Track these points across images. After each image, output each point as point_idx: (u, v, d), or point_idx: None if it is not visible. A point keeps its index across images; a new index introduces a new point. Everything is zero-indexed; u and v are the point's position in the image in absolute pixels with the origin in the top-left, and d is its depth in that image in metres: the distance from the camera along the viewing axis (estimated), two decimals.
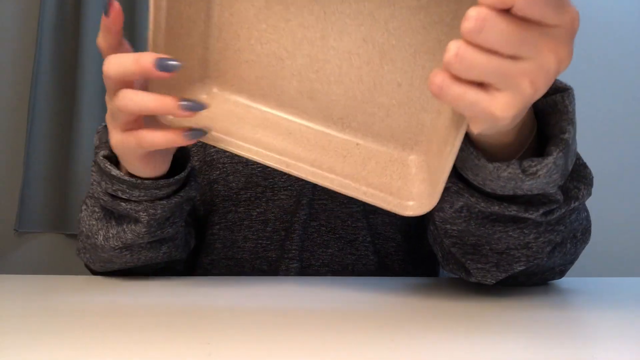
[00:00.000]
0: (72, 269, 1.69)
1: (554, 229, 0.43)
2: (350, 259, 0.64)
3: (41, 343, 0.32)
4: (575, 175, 0.43)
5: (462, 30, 0.27)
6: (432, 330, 0.35)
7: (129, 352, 0.30)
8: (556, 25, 0.28)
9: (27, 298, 0.46)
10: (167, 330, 0.35)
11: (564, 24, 0.28)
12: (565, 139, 0.36)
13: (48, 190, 1.65)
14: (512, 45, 0.28)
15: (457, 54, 0.28)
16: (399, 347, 0.31)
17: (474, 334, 0.33)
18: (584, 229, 0.48)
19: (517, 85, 0.29)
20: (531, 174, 0.36)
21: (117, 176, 0.48)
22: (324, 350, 0.30)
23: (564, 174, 0.38)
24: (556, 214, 0.42)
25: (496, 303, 0.44)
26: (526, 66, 0.28)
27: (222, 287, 0.52)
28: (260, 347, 0.31)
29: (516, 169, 0.36)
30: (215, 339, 0.32)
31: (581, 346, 0.31)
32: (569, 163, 0.38)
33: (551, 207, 0.40)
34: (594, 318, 0.38)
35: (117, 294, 0.48)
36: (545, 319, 0.38)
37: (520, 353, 0.29)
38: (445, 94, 0.29)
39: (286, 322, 0.37)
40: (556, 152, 0.35)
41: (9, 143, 1.70)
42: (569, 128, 0.36)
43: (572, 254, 0.48)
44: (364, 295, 0.48)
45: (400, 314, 0.40)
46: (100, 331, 0.34)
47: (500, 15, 0.27)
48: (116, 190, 0.49)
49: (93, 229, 0.54)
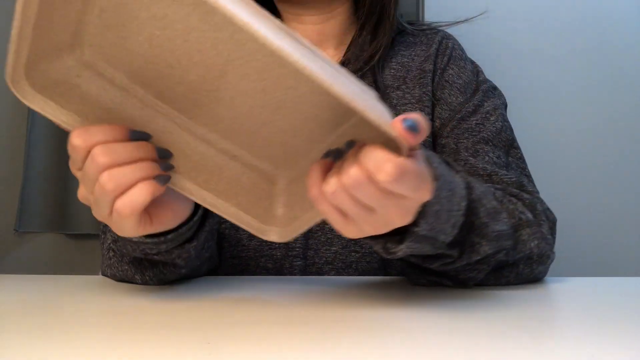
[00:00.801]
0: (72, 269, 1.69)
1: (474, 268, 0.49)
2: (354, 257, 0.64)
3: (41, 343, 0.32)
4: (478, 232, 0.46)
5: (343, 182, 0.35)
6: (435, 327, 0.35)
7: (129, 352, 0.30)
8: (411, 199, 0.36)
9: (27, 298, 0.46)
10: (167, 330, 0.35)
11: (416, 199, 0.36)
12: (414, 232, 0.40)
13: (48, 190, 1.65)
14: (373, 203, 0.36)
15: (334, 192, 0.36)
16: (403, 345, 0.31)
17: (475, 333, 0.33)
18: (539, 254, 0.54)
19: (362, 225, 0.37)
20: (391, 253, 0.42)
21: (138, 241, 0.47)
22: (325, 350, 0.30)
23: (437, 245, 0.43)
24: (457, 264, 0.47)
25: (496, 302, 0.44)
26: (376, 218, 0.37)
27: (222, 287, 0.52)
28: (260, 347, 0.31)
29: (380, 248, 0.43)
30: (215, 339, 0.32)
31: (580, 345, 0.31)
32: (439, 236, 0.42)
33: (446, 261, 0.46)
34: (593, 317, 0.38)
35: (117, 294, 0.48)
36: (545, 319, 0.38)
37: (520, 352, 0.29)
38: (319, 204, 0.38)
39: (287, 322, 0.37)
40: (407, 242, 0.41)
41: (9, 143, 1.70)
42: (421, 222, 0.40)
43: (528, 273, 0.54)
44: (368, 293, 0.48)
45: (404, 312, 0.40)
46: (100, 331, 0.34)
47: (372, 183, 0.34)
48: (143, 250, 0.48)
49: (128, 274, 0.54)
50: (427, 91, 0.68)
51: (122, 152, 0.38)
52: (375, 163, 0.34)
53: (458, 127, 0.65)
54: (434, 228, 0.41)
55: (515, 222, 0.53)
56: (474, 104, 0.66)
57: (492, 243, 0.47)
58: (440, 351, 0.30)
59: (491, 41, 1.14)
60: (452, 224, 0.42)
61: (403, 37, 0.73)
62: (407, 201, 0.36)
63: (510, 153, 0.65)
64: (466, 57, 0.73)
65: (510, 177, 0.60)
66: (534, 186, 0.63)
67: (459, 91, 0.68)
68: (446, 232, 0.42)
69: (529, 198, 0.57)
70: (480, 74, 0.71)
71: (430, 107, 0.68)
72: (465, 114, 0.65)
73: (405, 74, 0.69)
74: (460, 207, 0.43)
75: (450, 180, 0.43)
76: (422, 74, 0.69)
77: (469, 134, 0.64)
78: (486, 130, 0.64)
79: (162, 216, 0.43)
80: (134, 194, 0.38)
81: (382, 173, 0.33)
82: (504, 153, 0.64)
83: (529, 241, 0.53)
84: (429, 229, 0.41)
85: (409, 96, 0.68)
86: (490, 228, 0.47)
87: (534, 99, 1.17)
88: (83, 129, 0.38)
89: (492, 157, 0.62)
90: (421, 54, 0.71)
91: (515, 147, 0.66)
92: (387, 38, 0.68)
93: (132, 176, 0.38)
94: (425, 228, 0.40)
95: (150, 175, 0.39)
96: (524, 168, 0.65)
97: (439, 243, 0.43)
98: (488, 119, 0.65)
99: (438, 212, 0.41)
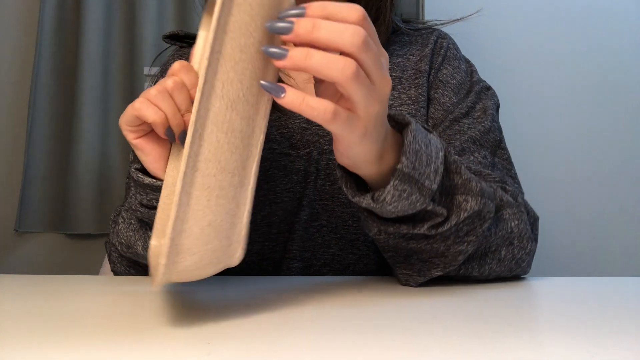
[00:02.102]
0: (71, 269, 1.69)
1: (463, 240, 0.49)
2: (352, 259, 0.64)
3: (41, 343, 0.32)
4: (462, 190, 0.47)
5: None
6: (433, 329, 0.35)
7: (129, 352, 0.30)
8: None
9: (27, 298, 0.46)
10: (167, 330, 0.35)
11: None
12: (398, 169, 0.42)
13: (48, 190, 1.65)
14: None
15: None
16: (400, 346, 0.31)
17: (475, 333, 0.33)
18: (520, 236, 0.54)
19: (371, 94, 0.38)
20: (380, 201, 0.43)
21: (150, 184, 0.52)
22: (324, 350, 0.30)
23: (424, 192, 0.43)
24: (447, 226, 0.47)
25: (496, 301, 0.44)
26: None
27: (222, 287, 0.52)
28: (260, 347, 0.31)
29: (369, 200, 0.44)
30: (215, 339, 0.32)
31: (580, 345, 0.31)
32: (423, 180, 0.43)
33: (436, 220, 0.46)
34: (592, 317, 0.38)
35: (117, 294, 0.48)
36: (545, 318, 0.38)
37: (520, 351, 0.30)
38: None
39: (286, 322, 0.37)
40: (392, 181, 0.42)
41: (9, 143, 1.70)
42: (402, 159, 0.42)
43: (510, 259, 0.54)
44: (365, 294, 0.48)
45: (401, 313, 0.40)
46: (100, 331, 0.34)
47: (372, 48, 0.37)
48: (151, 200, 0.52)
49: (131, 240, 0.58)
50: (422, 92, 0.68)
51: (177, 95, 0.47)
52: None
53: (450, 128, 0.65)
54: (416, 168, 0.42)
55: (497, 202, 0.53)
56: (467, 105, 0.66)
57: (477, 198, 0.48)
58: (441, 351, 0.30)
59: (487, 40, 1.14)
60: (433, 169, 0.44)
61: (398, 36, 0.73)
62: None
63: (497, 154, 0.65)
64: (461, 56, 0.73)
65: (494, 177, 0.60)
66: (518, 187, 0.64)
67: (452, 91, 0.68)
68: (429, 176, 0.43)
69: (510, 190, 0.58)
70: (474, 73, 0.71)
71: (426, 108, 0.68)
72: (457, 116, 0.66)
73: (400, 74, 0.69)
74: (438, 155, 0.44)
75: (425, 132, 0.45)
76: (418, 74, 0.69)
77: (460, 136, 0.64)
78: (474, 129, 0.64)
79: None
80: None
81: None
82: (490, 153, 0.64)
83: (510, 220, 0.54)
84: (411, 167, 0.42)
85: (404, 97, 0.68)
86: (473, 183, 0.48)
87: (529, 97, 1.17)
88: (186, 68, 0.48)
89: (477, 156, 0.63)
90: (416, 54, 0.71)
91: (502, 148, 0.66)
92: (382, 40, 0.68)
93: (163, 104, 0.47)
94: (408, 165, 0.42)
95: (165, 121, 0.47)
96: (510, 169, 0.65)
97: (425, 190, 0.43)
98: (478, 119, 0.65)
99: (418, 152, 0.43)
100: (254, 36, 0.35)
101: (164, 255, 0.33)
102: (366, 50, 0.36)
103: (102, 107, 1.63)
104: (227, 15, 0.34)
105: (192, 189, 0.34)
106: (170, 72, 0.48)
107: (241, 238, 0.37)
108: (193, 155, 0.34)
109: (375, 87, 0.38)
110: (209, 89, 0.34)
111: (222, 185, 0.35)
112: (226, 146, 0.35)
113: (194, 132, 0.34)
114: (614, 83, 1.18)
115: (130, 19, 1.65)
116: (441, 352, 0.30)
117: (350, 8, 0.36)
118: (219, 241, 0.36)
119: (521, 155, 0.69)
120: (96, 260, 1.62)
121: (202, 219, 0.34)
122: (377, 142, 0.42)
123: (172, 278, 0.35)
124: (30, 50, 1.71)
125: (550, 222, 1.09)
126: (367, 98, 0.37)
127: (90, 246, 1.70)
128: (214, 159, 0.35)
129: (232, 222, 0.36)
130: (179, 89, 0.47)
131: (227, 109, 0.35)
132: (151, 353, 0.29)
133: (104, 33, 1.64)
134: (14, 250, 1.71)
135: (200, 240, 0.34)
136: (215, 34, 0.34)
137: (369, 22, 0.37)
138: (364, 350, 0.30)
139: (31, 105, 1.64)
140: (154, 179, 0.52)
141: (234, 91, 0.35)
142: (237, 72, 0.35)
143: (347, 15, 0.36)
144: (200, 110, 0.34)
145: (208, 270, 0.36)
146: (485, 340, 0.32)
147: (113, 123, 1.65)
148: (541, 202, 1.10)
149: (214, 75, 0.34)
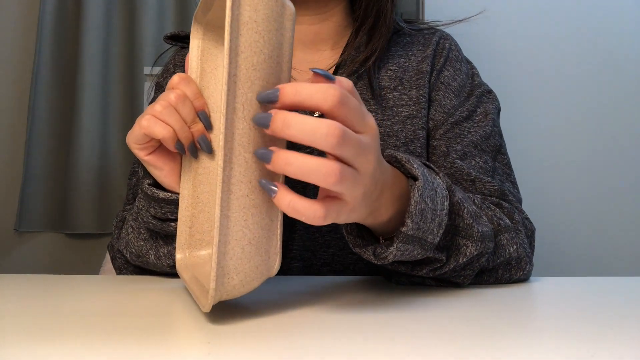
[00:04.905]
0: (71, 269, 1.69)
1: (459, 274, 0.50)
2: (352, 259, 0.64)
3: (41, 343, 0.32)
4: (464, 233, 0.47)
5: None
6: (433, 328, 0.35)
7: (129, 352, 0.30)
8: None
9: (27, 298, 0.46)
10: (168, 330, 0.35)
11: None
12: (402, 232, 0.41)
13: (48, 190, 1.65)
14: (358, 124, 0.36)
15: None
16: (399, 346, 0.31)
17: (475, 333, 0.33)
18: (518, 258, 0.55)
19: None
20: (382, 258, 0.42)
21: (166, 198, 0.52)
22: (324, 350, 0.30)
23: (425, 246, 0.43)
24: (445, 269, 0.47)
25: (496, 302, 0.44)
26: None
27: None
28: (260, 347, 0.31)
29: (370, 254, 0.43)
30: (215, 339, 0.32)
31: (580, 344, 0.31)
32: (426, 236, 0.42)
33: (435, 265, 0.47)
34: (592, 317, 0.38)
35: (117, 294, 0.48)
36: (545, 318, 0.38)
37: (520, 351, 0.30)
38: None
39: (286, 321, 0.37)
40: (396, 243, 0.41)
41: (9, 143, 1.71)
42: (408, 221, 0.41)
43: (507, 279, 0.55)
44: (365, 294, 0.48)
45: (401, 312, 0.40)
46: (100, 331, 0.34)
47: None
48: (165, 213, 0.53)
49: (142, 250, 0.58)
50: (424, 92, 0.68)
51: (182, 108, 0.48)
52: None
53: (451, 131, 0.65)
54: (421, 228, 0.41)
55: (495, 227, 0.54)
56: (468, 109, 0.66)
57: (477, 244, 0.48)
58: (441, 351, 0.30)
59: (489, 41, 1.14)
60: (437, 223, 0.43)
61: (399, 36, 0.73)
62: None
63: (497, 159, 0.65)
64: (463, 58, 0.72)
65: (494, 185, 0.61)
66: (517, 193, 0.64)
67: (453, 94, 0.68)
68: (433, 231, 0.43)
69: (508, 207, 0.58)
70: (475, 76, 0.71)
71: (427, 109, 0.68)
72: (458, 119, 0.66)
73: (402, 75, 0.69)
74: (443, 206, 0.44)
75: (431, 181, 0.43)
76: (419, 75, 0.69)
77: (461, 139, 0.64)
78: (476, 134, 0.65)
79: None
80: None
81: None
82: (491, 158, 0.64)
83: (508, 246, 0.54)
84: (416, 228, 0.41)
85: (405, 97, 0.68)
86: (474, 229, 0.47)
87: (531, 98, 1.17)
88: (186, 80, 0.49)
89: (478, 161, 0.63)
90: (418, 54, 0.71)
91: (502, 152, 0.66)
92: (383, 41, 0.68)
93: (170, 119, 0.47)
94: (413, 227, 0.41)
95: (174, 135, 0.48)
96: (510, 174, 0.66)
97: (427, 244, 0.43)
98: (479, 123, 0.66)
99: (423, 211, 0.41)
100: (264, 52, 0.36)
101: (213, 280, 0.35)
102: (343, 145, 0.33)
103: (102, 106, 1.63)
104: (237, 36, 0.35)
105: (230, 212, 0.36)
106: (170, 85, 0.49)
107: (277, 249, 0.39)
108: (226, 179, 0.35)
109: (359, 172, 0.36)
110: (231, 114, 0.35)
111: (255, 204, 0.37)
112: (254, 165, 0.36)
113: (224, 157, 0.35)
114: (615, 84, 1.19)
115: (130, 19, 1.65)
116: (441, 351, 0.30)
117: (325, 91, 0.34)
118: (259, 256, 0.37)
119: (522, 156, 0.69)
120: (96, 260, 1.63)
121: (243, 239, 0.36)
122: (367, 207, 0.39)
123: (222, 298, 0.37)
124: (30, 50, 1.71)
125: (550, 222, 1.09)
126: (353, 188, 0.35)
127: (90, 246, 1.70)
128: (245, 180, 0.36)
129: (268, 236, 0.38)
130: (182, 101, 0.47)
131: (250, 129, 0.36)
132: (151, 353, 0.30)
133: (104, 33, 1.65)
134: (14, 249, 1.71)
135: (242, 259, 0.36)
136: (229, 58, 0.34)
137: (346, 104, 0.34)
138: (364, 350, 0.30)
139: (31, 105, 1.64)
140: (167, 192, 0.53)
141: (254, 110, 0.36)
142: (254, 91, 0.36)
143: (320, 102, 0.34)
144: (227, 136, 0.35)
145: (253, 285, 0.38)
146: (485, 340, 0.32)
147: (113, 123, 1.65)
148: (541, 202, 1.10)
149: (234, 99, 0.35)
